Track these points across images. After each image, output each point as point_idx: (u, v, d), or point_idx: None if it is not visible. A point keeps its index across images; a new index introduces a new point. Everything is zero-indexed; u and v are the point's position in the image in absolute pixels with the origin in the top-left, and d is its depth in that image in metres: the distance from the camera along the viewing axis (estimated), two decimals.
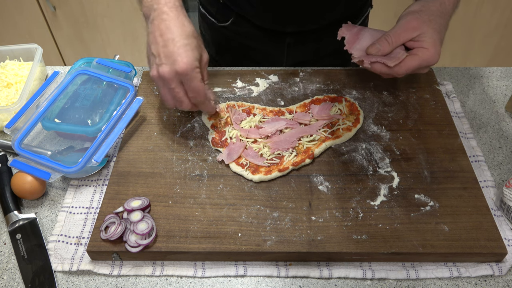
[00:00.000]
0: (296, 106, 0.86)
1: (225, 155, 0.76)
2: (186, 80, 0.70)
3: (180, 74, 0.69)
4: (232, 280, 0.66)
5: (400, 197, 0.71)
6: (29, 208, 0.76)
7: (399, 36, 0.74)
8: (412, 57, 0.73)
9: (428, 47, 0.72)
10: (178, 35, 0.69)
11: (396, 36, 0.74)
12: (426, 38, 0.73)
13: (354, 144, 0.80)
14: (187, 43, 0.69)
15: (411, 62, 0.73)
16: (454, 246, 0.65)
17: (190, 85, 0.70)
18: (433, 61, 0.73)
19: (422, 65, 0.73)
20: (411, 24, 0.73)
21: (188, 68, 0.68)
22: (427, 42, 0.72)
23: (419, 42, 0.73)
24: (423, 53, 0.73)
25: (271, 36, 1.00)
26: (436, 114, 0.84)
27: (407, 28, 0.74)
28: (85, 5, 2.08)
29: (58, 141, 0.84)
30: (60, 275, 0.67)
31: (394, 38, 0.74)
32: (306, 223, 0.68)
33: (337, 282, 0.66)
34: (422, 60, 0.73)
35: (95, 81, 0.87)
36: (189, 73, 0.69)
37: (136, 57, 2.31)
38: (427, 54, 0.72)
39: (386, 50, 0.74)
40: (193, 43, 0.70)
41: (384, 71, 0.75)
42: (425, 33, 0.73)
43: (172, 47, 0.69)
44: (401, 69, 0.73)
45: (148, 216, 0.68)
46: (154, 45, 0.71)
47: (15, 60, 0.97)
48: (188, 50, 0.69)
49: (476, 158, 0.79)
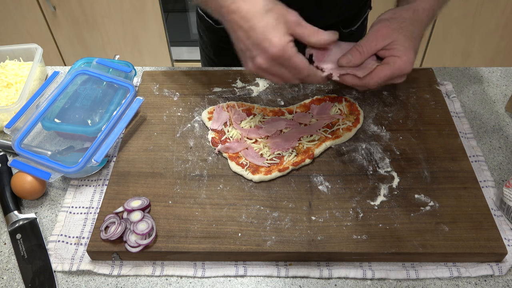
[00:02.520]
0: (296, 106, 0.86)
1: (224, 148, 0.77)
2: (284, 62, 0.65)
3: (276, 59, 0.64)
4: (232, 280, 0.66)
5: (400, 197, 0.71)
6: (29, 208, 0.76)
7: (370, 45, 0.70)
8: (384, 67, 0.70)
9: (399, 55, 0.69)
10: (252, 17, 0.64)
11: (367, 46, 0.71)
12: (397, 46, 0.69)
13: (354, 144, 0.80)
14: (266, 23, 0.63)
15: (382, 72, 0.70)
16: (454, 246, 0.65)
17: (289, 65, 0.65)
18: (406, 69, 0.70)
19: (394, 74, 0.70)
20: (382, 32, 0.70)
21: (279, 50, 0.63)
22: (399, 50, 0.69)
23: (391, 51, 0.70)
24: (394, 61, 0.69)
25: None
26: (436, 114, 0.84)
27: (378, 36, 0.70)
28: (85, 5, 2.08)
29: (58, 141, 0.84)
30: (60, 275, 0.67)
31: (365, 47, 0.71)
32: (306, 223, 0.68)
33: (337, 282, 0.66)
34: (394, 69, 0.69)
35: (95, 81, 0.87)
36: (283, 54, 0.64)
37: (136, 57, 2.31)
38: (399, 62, 0.69)
39: (357, 60, 0.71)
40: (272, 17, 0.64)
41: (355, 83, 0.72)
42: (396, 41, 0.69)
43: (255, 35, 0.63)
44: (372, 79, 0.70)
45: (148, 216, 0.68)
46: (238, 41, 0.67)
47: (15, 60, 0.97)
48: (271, 31, 0.63)
49: (476, 158, 0.79)
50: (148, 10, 2.09)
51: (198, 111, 0.86)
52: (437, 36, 2.10)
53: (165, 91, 0.90)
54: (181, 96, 0.89)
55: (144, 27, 2.17)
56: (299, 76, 0.67)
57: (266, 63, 0.65)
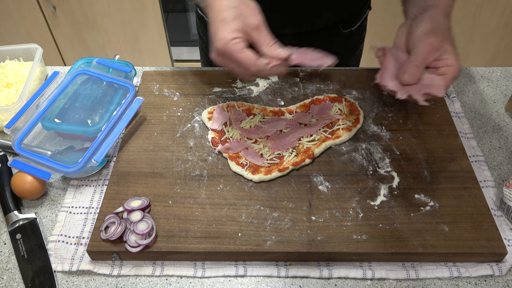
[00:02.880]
0: (296, 106, 0.86)
1: (224, 148, 0.77)
2: (228, 56, 0.67)
3: (220, 53, 0.67)
4: (232, 280, 0.66)
5: (400, 197, 0.71)
6: (29, 208, 0.76)
7: (425, 59, 0.74)
8: (444, 78, 0.74)
9: (452, 64, 0.74)
10: (217, 11, 0.67)
11: (422, 60, 0.74)
12: (448, 56, 0.74)
13: (354, 144, 0.80)
14: (224, 17, 0.67)
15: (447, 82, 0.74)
16: (454, 246, 0.65)
17: (233, 60, 0.67)
18: (458, 75, 0.75)
19: (452, 81, 0.75)
20: (433, 45, 0.74)
21: (222, 43, 0.66)
22: (451, 59, 0.74)
23: (443, 61, 0.74)
24: (450, 71, 0.74)
25: None
26: (436, 114, 0.84)
27: (430, 50, 0.74)
28: (85, 5, 2.08)
29: (58, 141, 0.84)
30: (60, 275, 0.67)
31: (421, 62, 0.74)
32: (306, 223, 0.68)
33: (337, 282, 0.66)
34: (452, 78, 0.74)
35: (95, 81, 0.87)
36: (226, 49, 0.66)
37: (136, 57, 2.31)
38: (453, 71, 0.74)
39: (417, 76, 0.75)
40: (230, 14, 0.67)
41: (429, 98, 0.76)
42: (446, 51, 0.74)
43: (212, 28, 0.67)
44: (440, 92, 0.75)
45: (148, 216, 0.68)
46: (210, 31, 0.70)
47: (15, 60, 0.97)
48: (224, 24, 0.66)
49: (476, 158, 0.79)
50: (148, 10, 2.09)
51: (198, 111, 0.86)
52: None
53: (165, 91, 0.90)
54: (181, 96, 0.89)
55: (144, 27, 2.17)
56: (248, 71, 0.68)
57: (215, 56, 0.68)
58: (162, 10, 2.12)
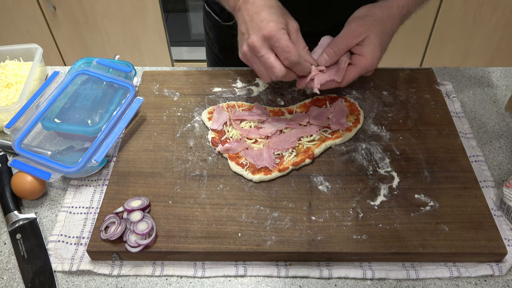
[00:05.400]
0: (296, 106, 0.86)
1: (224, 149, 0.77)
2: (274, 42, 0.69)
3: (268, 38, 0.69)
4: (232, 280, 0.66)
5: (400, 197, 0.71)
6: (29, 208, 0.76)
7: (344, 43, 0.75)
8: (351, 68, 0.75)
9: (365, 55, 0.74)
10: (262, 6, 0.70)
11: (341, 44, 0.75)
12: (366, 45, 0.74)
13: (354, 144, 0.80)
14: (272, 11, 0.70)
15: (351, 74, 0.75)
16: (454, 246, 0.65)
17: (278, 46, 0.69)
18: (371, 68, 0.75)
19: (361, 73, 0.76)
20: (355, 30, 0.74)
21: (273, 29, 0.68)
22: (366, 49, 0.74)
23: (359, 48, 0.75)
24: (360, 61, 0.75)
25: None
26: (436, 114, 0.84)
27: (352, 35, 0.75)
28: (85, 5, 2.08)
29: (58, 141, 0.84)
30: (60, 275, 0.67)
31: (340, 46, 0.75)
32: (306, 223, 0.68)
33: (337, 282, 0.66)
34: (361, 69, 0.75)
35: (95, 81, 0.87)
36: (275, 34, 0.68)
37: (136, 57, 2.31)
38: (364, 62, 0.74)
39: (333, 59, 0.76)
40: (278, 10, 0.71)
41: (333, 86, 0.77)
42: (367, 39, 0.74)
43: (258, 18, 0.70)
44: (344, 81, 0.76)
45: (148, 216, 0.68)
46: (241, 25, 0.72)
47: (15, 60, 0.97)
48: (272, 18, 0.69)
49: (476, 158, 0.79)
50: (148, 10, 2.09)
51: (198, 111, 0.86)
52: (437, 36, 2.10)
53: (165, 91, 0.90)
54: (181, 96, 0.89)
55: (144, 27, 2.17)
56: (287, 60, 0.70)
57: (258, 42, 0.69)
58: (162, 10, 2.12)
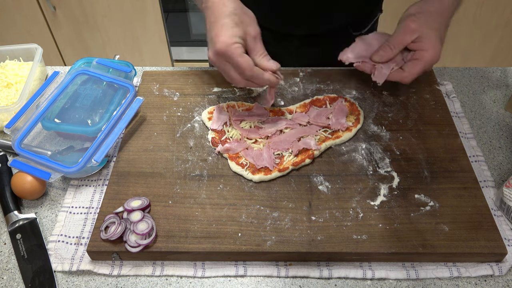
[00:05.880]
0: (296, 106, 0.86)
1: (224, 149, 0.77)
2: (227, 58, 0.70)
3: (220, 54, 0.70)
4: (232, 280, 0.66)
5: (400, 197, 0.71)
6: (29, 208, 0.76)
7: (399, 40, 0.76)
8: (414, 63, 0.76)
9: (427, 49, 0.74)
10: (218, 16, 0.71)
11: (397, 41, 0.76)
12: (425, 40, 0.74)
13: (354, 144, 0.80)
14: (225, 22, 0.70)
15: (415, 68, 0.76)
16: (454, 246, 0.65)
17: (232, 62, 0.70)
18: (434, 61, 0.75)
19: (425, 67, 0.76)
20: (409, 27, 0.75)
21: (223, 46, 0.69)
22: (426, 43, 0.74)
23: (419, 44, 0.75)
24: (422, 55, 0.75)
25: (279, 39, 0.99)
26: (436, 114, 0.84)
27: (406, 31, 0.75)
28: (85, 5, 2.08)
29: (58, 141, 0.84)
30: (60, 275, 0.67)
31: (395, 43, 0.76)
32: (306, 223, 0.68)
33: (337, 282, 0.66)
34: (425, 63, 0.75)
35: (95, 81, 0.87)
36: (227, 51, 0.69)
37: (136, 57, 2.31)
38: (427, 56, 0.75)
39: (389, 56, 0.77)
40: (233, 20, 0.71)
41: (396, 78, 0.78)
42: (423, 35, 0.74)
43: (213, 30, 0.70)
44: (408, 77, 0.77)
45: (148, 216, 0.68)
46: (207, 32, 0.73)
47: (15, 60, 0.97)
48: (226, 29, 0.69)
49: (476, 158, 0.79)
50: (148, 10, 2.09)
51: (198, 111, 0.86)
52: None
53: (165, 91, 0.90)
54: (181, 96, 0.89)
55: (144, 27, 2.17)
56: (243, 75, 0.72)
57: (213, 57, 0.72)
58: (162, 10, 2.12)
